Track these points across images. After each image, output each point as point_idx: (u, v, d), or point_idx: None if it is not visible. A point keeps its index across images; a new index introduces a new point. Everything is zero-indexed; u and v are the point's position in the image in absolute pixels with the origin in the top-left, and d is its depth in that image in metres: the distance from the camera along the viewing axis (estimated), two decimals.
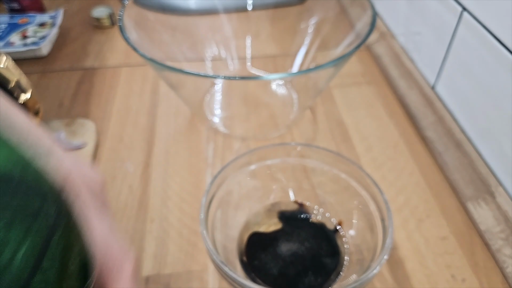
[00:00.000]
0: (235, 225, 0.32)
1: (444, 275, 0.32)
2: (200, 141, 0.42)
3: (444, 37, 0.44)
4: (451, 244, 0.34)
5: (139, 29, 0.39)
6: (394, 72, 0.51)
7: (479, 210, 0.35)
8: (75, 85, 0.50)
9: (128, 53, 0.55)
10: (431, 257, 0.33)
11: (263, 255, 0.30)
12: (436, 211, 0.36)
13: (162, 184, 0.38)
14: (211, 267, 0.32)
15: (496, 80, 0.36)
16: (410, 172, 0.40)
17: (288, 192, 0.35)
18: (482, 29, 0.37)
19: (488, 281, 0.31)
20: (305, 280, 0.29)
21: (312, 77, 0.39)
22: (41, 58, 0.54)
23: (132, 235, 0.34)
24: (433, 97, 0.46)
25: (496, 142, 0.37)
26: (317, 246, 0.31)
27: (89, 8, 0.62)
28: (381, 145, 0.42)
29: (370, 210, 0.30)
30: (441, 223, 0.35)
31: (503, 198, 0.35)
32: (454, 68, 0.43)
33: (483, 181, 0.37)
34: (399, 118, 0.46)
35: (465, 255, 0.33)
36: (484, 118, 0.39)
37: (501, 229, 0.34)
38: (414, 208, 0.36)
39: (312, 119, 0.45)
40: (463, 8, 0.40)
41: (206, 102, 0.45)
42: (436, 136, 0.42)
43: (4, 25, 0.56)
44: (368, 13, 0.37)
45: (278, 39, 0.52)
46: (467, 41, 0.40)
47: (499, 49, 0.35)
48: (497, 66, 0.36)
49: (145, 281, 0.31)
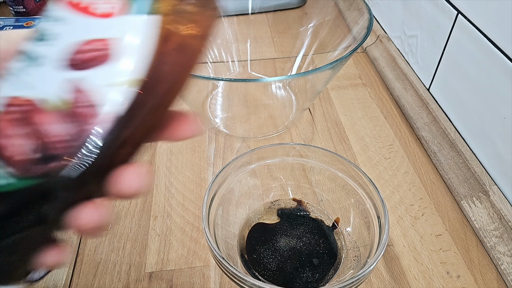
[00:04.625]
0: (236, 222, 0.33)
1: (439, 271, 0.32)
2: (202, 141, 0.43)
3: (439, 40, 0.44)
4: (446, 241, 0.34)
5: None
6: (390, 74, 0.52)
7: (473, 208, 0.36)
8: None
9: None
10: (426, 253, 0.33)
11: (262, 251, 0.31)
12: (431, 209, 0.37)
13: (166, 183, 0.39)
14: (213, 263, 0.32)
15: (490, 82, 0.37)
16: (405, 171, 0.40)
17: (287, 190, 0.35)
18: (477, 32, 0.38)
19: (482, 277, 0.32)
20: (303, 275, 0.30)
21: (310, 79, 0.40)
22: None
23: (136, 232, 0.35)
24: (428, 98, 0.47)
25: (490, 142, 0.38)
26: (315, 242, 0.32)
27: None
28: (377, 144, 0.43)
29: (367, 207, 0.31)
30: (436, 221, 0.36)
31: (497, 197, 0.36)
32: (448, 70, 0.44)
33: (477, 180, 0.38)
34: (395, 118, 0.47)
35: (460, 252, 0.34)
36: (478, 119, 0.39)
37: (495, 227, 0.34)
38: (410, 206, 0.37)
39: (311, 119, 0.46)
40: (458, 11, 0.41)
41: (208, 104, 0.46)
42: (431, 136, 0.43)
43: (10, 28, 0.57)
44: (365, 16, 0.38)
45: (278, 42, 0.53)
46: (462, 44, 0.41)
47: (493, 51, 0.36)
48: (491, 68, 0.37)
49: (149, 277, 0.31)
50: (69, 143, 0.11)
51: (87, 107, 0.11)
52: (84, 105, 0.11)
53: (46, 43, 0.12)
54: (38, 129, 0.11)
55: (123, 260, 0.33)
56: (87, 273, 0.32)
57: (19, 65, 0.12)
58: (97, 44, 0.11)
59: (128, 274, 0.32)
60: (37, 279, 0.30)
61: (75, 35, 0.12)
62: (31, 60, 0.12)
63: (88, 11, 0.12)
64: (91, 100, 0.11)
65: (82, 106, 0.11)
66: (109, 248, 0.33)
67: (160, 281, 0.31)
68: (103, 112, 0.11)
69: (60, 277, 0.31)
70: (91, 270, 0.32)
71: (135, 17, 0.12)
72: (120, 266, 0.32)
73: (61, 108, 0.11)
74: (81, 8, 0.12)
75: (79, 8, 0.12)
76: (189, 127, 0.14)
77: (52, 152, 0.11)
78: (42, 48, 0.12)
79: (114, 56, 0.11)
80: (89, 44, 0.11)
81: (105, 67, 0.11)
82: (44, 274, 0.31)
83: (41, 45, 0.12)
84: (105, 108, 0.11)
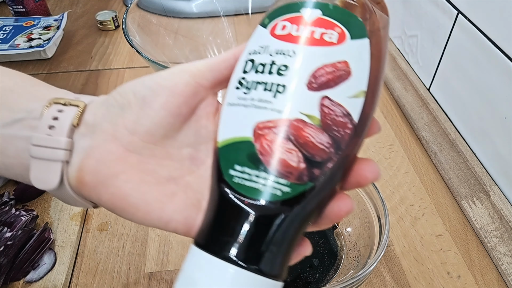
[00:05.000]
0: None
1: (439, 271, 0.32)
2: None
3: (440, 40, 0.44)
4: (446, 242, 0.34)
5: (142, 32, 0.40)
6: (390, 74, 0.52)
7: (474, 209, 0.36)
8: (80, 86, 0.51)
9: (131, 55, 0.56)
10: (427, 254, 0.33)
11: None
12: (431, 209, 0.37)
13: None
14: None
15: (490, 82, 0.37)
16: (405, 171, 0.40)
17: None
18: (477, 32, 0.38)
19: (483, 278, 0.32)
20: (304, 276, 0.30)
21: None
22: (45, 60, 0.55)
23: (135, 233, 0.35)
24: (428, 98, 0.46)
25: (490, 142, 0.38)
26: (315, 242, 0.32)
27: (93, 11, 0.64)
28: (377, 145, 0.43)
29: (367, 207, 0.30)
30: (436, 221, 0.36)
31: (498, 197, 0.36)
32: (449, 70, 0.43)
33: (478, 180, 0.38)
34: (395, 118, 0.46)
35: (460, 253, 0.33)
36: (478, 119, 0.39)
37: (496, 227, 0.34)
38: (410, 206, 0.37)
39: None
40: (458, 11, 0.41)
41: None
42: (431, 136, 0.43)
43: (10, 27, 0.57)
44: None
45: None
46: (462, 44, 0.41)
47: (494, 51, 0.36)
48: (491, 67, 0.37)
49: (148, 277, 0.31)
50: (328, 149, 0.14)
51: (340, 117, 0.14)
52: (336, 116, 0.14)
53: (286, 71, 0.14)
54: (304, 141, 0.13)
55: (122, 261, 0.32)
56: (87, 273, 0.32)
57: (267, 94, 0.14)
58: (331, 67, 0.14)
59: (127, 274, 0.32)
60: (36, 279, 0.30)
61: (310, 62, 0.14)
62: (275, 86, 0.14)
63: (313, 42, 0.14)
64: (340, 112, 0.14)
65: (334, 117, 0.14)
66: (109, 249, 0.33)
67: (160, 282, 0.31)
68: (351, 119, 0.14)
69: (60, 277, 0.31)
70: (90, 270, 0.32)
71: (353, 41, 0.14)
72: (120, 267, 0.32)
73: (318, 121, 0.14)
74: (307, 40, 0.14)
75: (304, 39, 0.14)
76: (373, 168, 0.15)
77: (316, 160, 0.14)
78: (284, 77, 0.14)
79: (346, 74, 0.14)
80: (324, 68, 0.14)
81: (342, 84, 0.14)
82: (44, 274, 0.31)
83: (283, 74, 0.14)
84: (352, 116, 0.14)
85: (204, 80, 0.16)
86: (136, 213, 0.15)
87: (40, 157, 0.15)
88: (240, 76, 0.15)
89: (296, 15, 0.15)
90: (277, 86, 0.14)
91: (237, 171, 0.14)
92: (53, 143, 0.15)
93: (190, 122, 0.17)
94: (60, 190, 0.16)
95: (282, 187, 0.13)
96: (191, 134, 0.17)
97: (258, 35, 0.16)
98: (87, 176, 0.15)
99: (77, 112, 0.16)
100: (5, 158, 0.16)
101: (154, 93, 0.16)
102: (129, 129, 0.16)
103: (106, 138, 0.15)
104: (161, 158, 0.16)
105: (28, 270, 0.31)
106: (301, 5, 0.15)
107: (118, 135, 0.15)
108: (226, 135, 0.15)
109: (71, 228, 0.34)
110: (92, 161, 0.15)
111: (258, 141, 0.14)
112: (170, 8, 0.46)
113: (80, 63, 0.55)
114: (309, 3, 0.15)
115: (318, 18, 0.15)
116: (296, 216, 0.14)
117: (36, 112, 0.16)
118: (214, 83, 0.17)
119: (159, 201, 0.15)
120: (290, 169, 0.13)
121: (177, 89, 0.16)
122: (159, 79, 0.16)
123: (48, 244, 0.32)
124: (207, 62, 0.17)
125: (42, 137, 0.15)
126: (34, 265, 0.31)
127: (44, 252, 0.31)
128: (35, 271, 0.31)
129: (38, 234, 0.32)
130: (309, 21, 0.15)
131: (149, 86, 0.16)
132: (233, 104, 0.15)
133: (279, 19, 0.15)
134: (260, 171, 0.13)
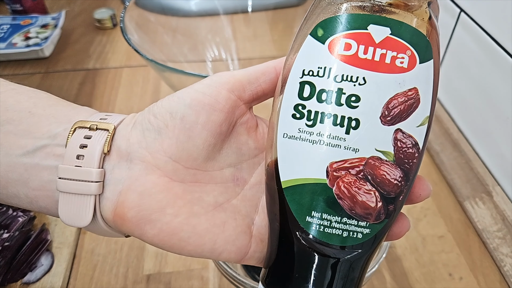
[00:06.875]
0: None
1: (441, 273, 0.32)
2: None
3: (442, 39, 0.44)
4: (448, 243, 0.34)
5: (141, 31, 0.39)
6: None
7: (476, 209, 0.36)
8: (77, 85, 0.50)
9: (129, 54, 0.56)
10: (428, 255, 0.33)
11: None
12: (433, 210, 0.37)
13: None
14: (211, 265, 0.32)
15: (493, 81, 0.37)
16: None
17: None
18: (480, 31, 0.38)
19: (485, 279, 0.32)
20: None
21: None
22: (43, 59, 0.54)
23: None
24: None
25: (493, 142, 0.38)
26: None
27: (91, 9, 0.63)
28: None
29: None
30: (438, 222, 0.35)
31: (501, 198, 0.36)
32: (451, 69, 0.43)
33: (480, 180, 0.37)
34: None
35: (463, 254, 0.33)
36: (481, 118, 0.39)
37: (498, 228, 0.34)
38: (411, 206, 0.37)
39: None
40: (461, 9, 0.40)
41: None
42: (433, 136, 0.43)
43: (7, 26, 0.57)
44: None
45: (277, 40, 0.52)
46: (464, 42, 0.40)
47: (496, 50, 0.36)
48: (494, 66, 0.36)
49: (146, 279, 0.31)
50: (400, 183, 0.13)
51: (410, 149, 0.13)
52: (407, 148, 0.13)
53: (359, 103, 0.13)
54: (381, 180, 0.13)
55: (120, 262, 0.32)
56: (84, 275, 0.31)
57: (339, 130, 0.13)
58: (403, 96, 0.13)
59: (125, 276, 0.31)
60: (33, 281, 0.30)
61: (383, 93, 0.13)
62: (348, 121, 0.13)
63: (384, 68, 0.13)
64: (410, 143, 0.13)
65: (406, 149, 0.13)
66: (106, 250, 0.33)
67: (158, 284, 0.31)
68: (418, 149, 0.14)
69: (57, 279, 0.30)
70: (88, 272, 0.32)
71: (421, 65, 0.13)
72: (118, 268, 0.32)
73: (392, 156, 0.13)
74: (378, 65, 0.13)
75: (374, 64, 0.13)
76: (426, 186, 0.15)
77: (391, 196, 0.13)
78: (357, 109, 0.13)
79: (417, 103, 0.13)
80: (397, 99, 0.13)
81: (413, 114, 0.13)
82: (41, 276, 0.30)
83: (355, 106, 0.13)
84: (419, 145, 0.14)
85: (244, 94, 0.15)
86: (187, 247, 0.14)
87: (69, 191, 0.14)
88: (296, 102, 0.13)
89: (362, 32, 0.13)
90: (350, 120, 0.13)
91: (315, 218, 0.13)
92: (84, 175, 0.14)
93: (230, 139, 0.15)
94: (91, 225, 0.14)
95: (363, 229, 0.13)
96: (232, 153, 0.16)
97: (313, 51, 0.14)
98: (129, 212, 0.14)
99: (107, 137, 0.14)
100: (28, 190, 0.14)
101: (193, 111, 0.14)
102: (170, 155, 0.14)
103: (146, 168, 0.14)
104: (205, 183, 0.15)
105: (26, 272, 0.30)
106: (367, 20, 0.13)
107: (159, 164, 0.14)
108: (292, 175, 0.13)
109: (69, 230, 0.34)
110: (134, 195, 0.14)
111: (335, 183, 0.13)
112: (168, 7, 0.46)
113: (77, 62, 0.54)
114: (377, 19, 0.13)
115: (387, 37, 0.13)
116: (373, 252, 0.14)
117: (60, 138, 0.14)
118: (252, 97, 0.15)
119: (211, 232, 0.14)
120: (370, 210, 0.13)
121: (218, 106, 0.14)
122: (196, 95, 0.14)
123: (46, 245, 0.32)
124: (246, 73, 0.15)
125: (71, 169, 0.14)
126: (31, 266, 0.30)
127: (42, 254, 0.31)
128: (33, 273, 0.30)
129: (36, 235, 0.31)
130: (377, 41, 0.13)
131: (188, 104, 0.14)
132: (294, 138, 0.13)
133: (340, 35, 0.13)
134: (341, 216, 0.13)
